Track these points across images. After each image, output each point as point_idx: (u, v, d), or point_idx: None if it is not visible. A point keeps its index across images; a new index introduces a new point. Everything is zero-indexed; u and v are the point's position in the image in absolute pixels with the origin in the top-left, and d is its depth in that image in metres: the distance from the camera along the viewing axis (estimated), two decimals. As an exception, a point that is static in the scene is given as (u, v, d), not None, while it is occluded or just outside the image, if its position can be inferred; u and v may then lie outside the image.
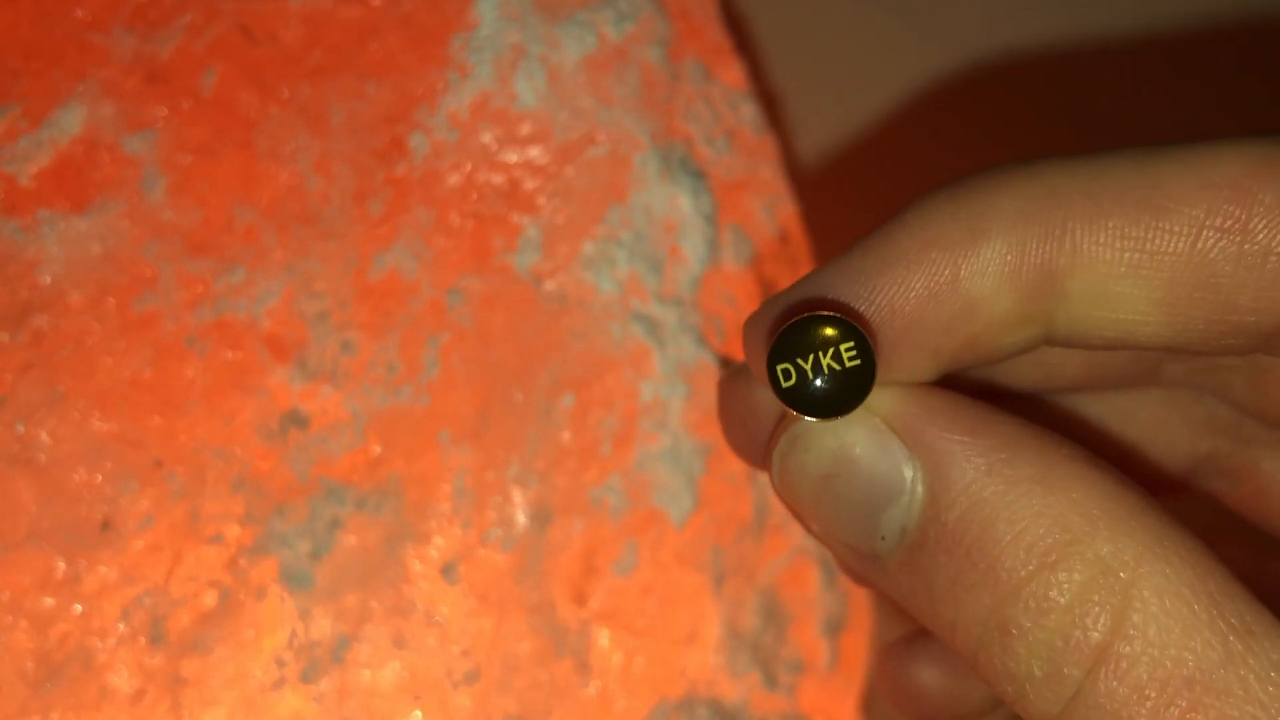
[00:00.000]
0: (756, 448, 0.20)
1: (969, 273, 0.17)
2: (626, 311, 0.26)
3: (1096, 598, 0.15)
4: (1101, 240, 0.16)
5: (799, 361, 0.17)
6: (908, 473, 0.16)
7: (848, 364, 0.16)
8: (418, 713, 0.24)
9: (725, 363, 0.27)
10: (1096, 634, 0.15)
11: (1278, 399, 0.20)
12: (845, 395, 0.17)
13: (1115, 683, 0.14)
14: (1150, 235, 0.16)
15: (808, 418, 0.17)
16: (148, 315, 0.24)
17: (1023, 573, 0.15)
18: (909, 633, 0.22)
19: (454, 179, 0.26)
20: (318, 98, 0.25)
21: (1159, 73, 0.39)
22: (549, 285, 0.26)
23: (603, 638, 0.26)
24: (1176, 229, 0.16)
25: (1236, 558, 0.16)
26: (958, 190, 0.17)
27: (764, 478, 0.28)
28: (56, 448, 0.23)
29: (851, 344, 0.16)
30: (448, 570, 0.24)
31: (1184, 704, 0.14)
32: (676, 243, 0.27)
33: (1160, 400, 0.22)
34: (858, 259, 0.17)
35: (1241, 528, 0.22)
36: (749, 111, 0.30)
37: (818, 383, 0.17)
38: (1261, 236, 0.16)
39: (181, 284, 0.24)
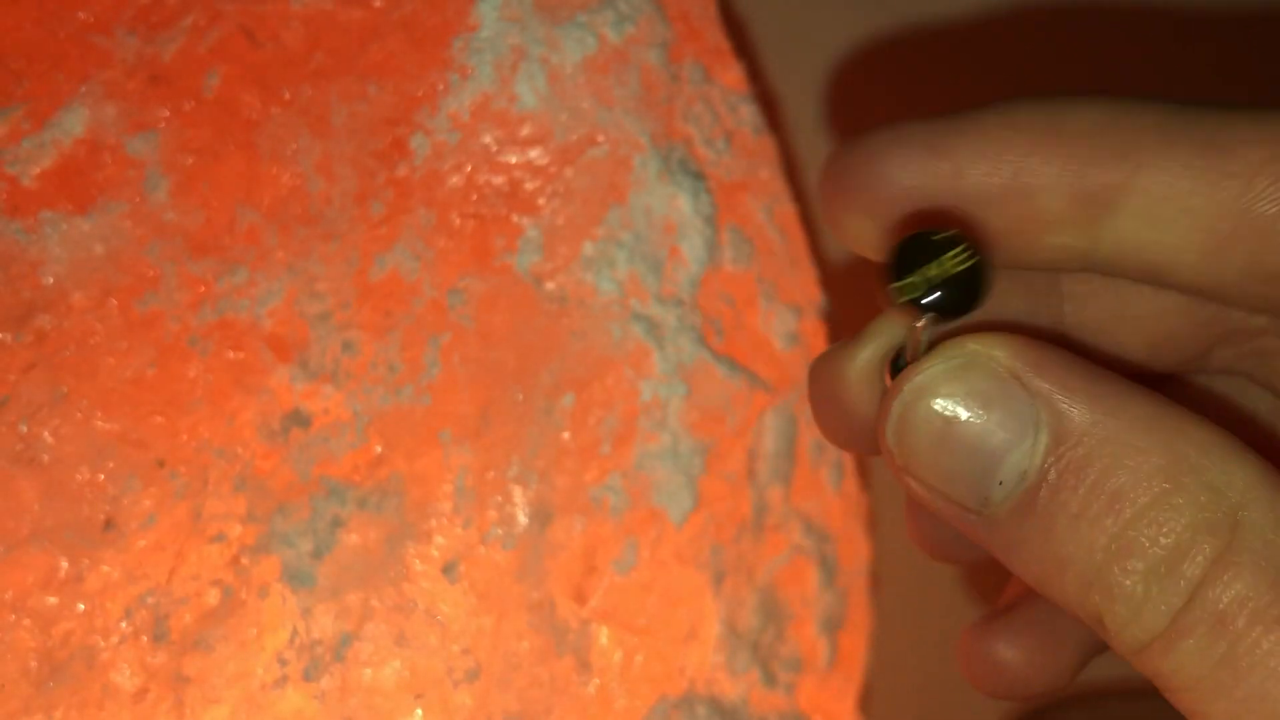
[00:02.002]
0: (848, 427, 0.21)
1: (1036, 159, 0.18)
2: (626, 311, 0.26)
3: (1211, 518, 0.16)
4: (1165, 165, 0.18)
5: (916, 276, 0.18)
6: (1030, 418, 0.17)
7: (965, 264, 0.17)
8: (419, 711, 0.24)
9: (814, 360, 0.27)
10: (1209, 548, 0.16)
11: None
12: (967, 293, 0.18)
13: (1222, 589, 0.16)
14: (1210, 168, 0.17)
15: (940, 316, 0.18)
16: (150, 315, 0.24)
17: (1145, 499, 0.16)
18: (988, 613, 0.23)
19: (455, 180, 0.26)
20: (319, 99, 0.25)
21: (1165, 47, 0.39)
22: (549, 285, 0.26)
23: (603, 636, 0.26)
24: (1234, 168, 0.17)
25: None
26: (1045, 97, 0.19)
27: (764, 478, 0.28)
28: (59, 447, 0.23)
29: (963, 246, 0.17)
30: (449, 569, 0.25)
31: None
32: (676, 243, 0.27)
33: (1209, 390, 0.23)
34: (939, 121, 0.19)
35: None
36: (748, 113, 0.30)
37: (938, 290, 0.18)
38: None
39: (184, 284, 0.24)
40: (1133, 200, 0.18)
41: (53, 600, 0.23)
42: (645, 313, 0.27)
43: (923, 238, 0.18)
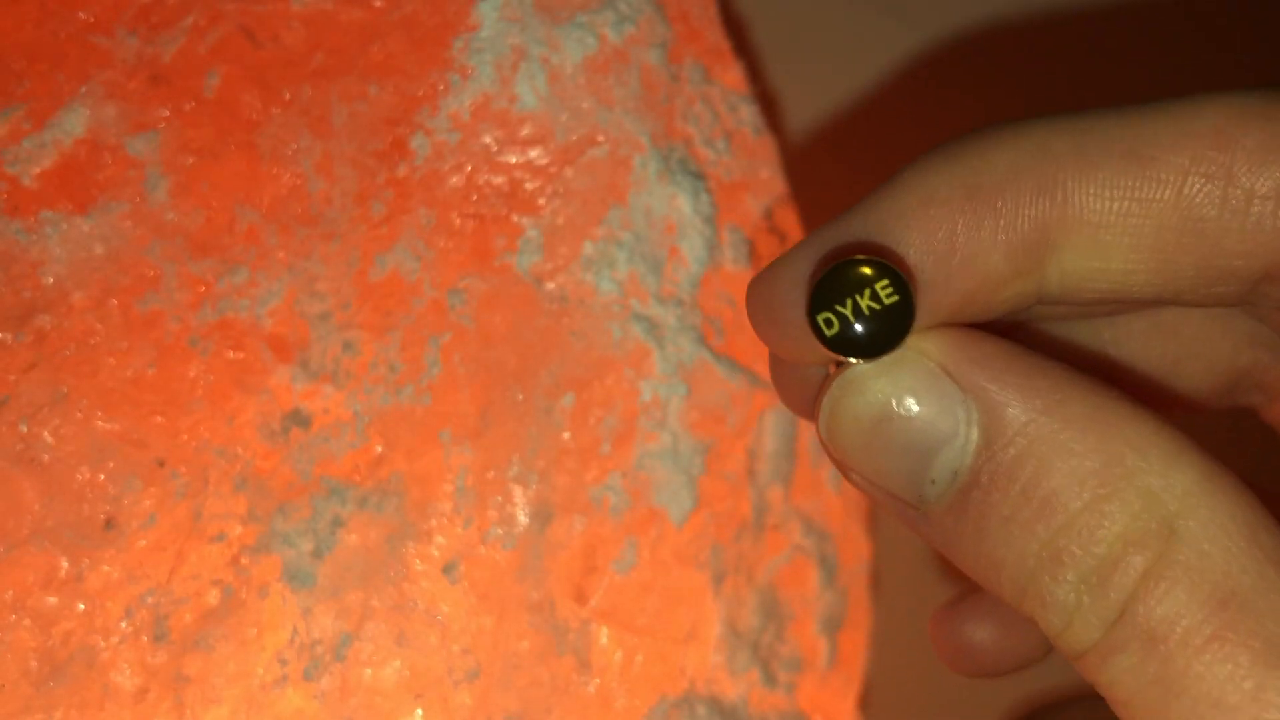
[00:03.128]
0: (807, 400, 0.21)
1: (965, 228, 0.17)
2: (626, 311, 0.26)
3: (1145, 527, 0.15)
4: (1091, 191, 0.17)
5: (838, 308, 0.17)
6: (962, 415, 0.17)
7: (886, 301, 0.17)
8: (419, 710, 0.24)
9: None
10: (1142, 559, 0.15)
11: None
12: (888, 332, 0.17)
13: (1155, 604, 0.15)
14: (1137, 184, 0.17)
15: (855, 360, 0.17)
16: (150, 315, 0.24)
17: (1076, 505, 0.16)
18: (957, 594, 0.23)
19: (455, 180, 0.26)
20: (320, 99, 0.25)
21: (1144, 49, 0.39)
22: (549, 286, 0.26)
23: (603, 636, 0.26)
24: (1163, 177, 0.17)
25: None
26: (953, 149, 0.18)
27: (764, 478, 0.28)
28: (60, 447, 0.23)
29: (887, 281, 0.17)
30: (449, 569, 0.25)
31: (1217, 623, 0.15)
32: (676, 243, 0.27)
33: (1203, 315, 0.22)
34: (858, 217, 0.18)
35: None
36: (748, 113, 0.30)
37: (859, 326, 0.17)
38: (1244, 180, 0.16)
39: (184, 284, 0.24)
40: (1069, 235, 0.17)
41: (53, 600, 0.23)
42: (645, 313, 0.27)
43: (846, 270, 0.17)
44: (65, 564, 0.23)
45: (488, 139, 0.26)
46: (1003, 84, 0.39)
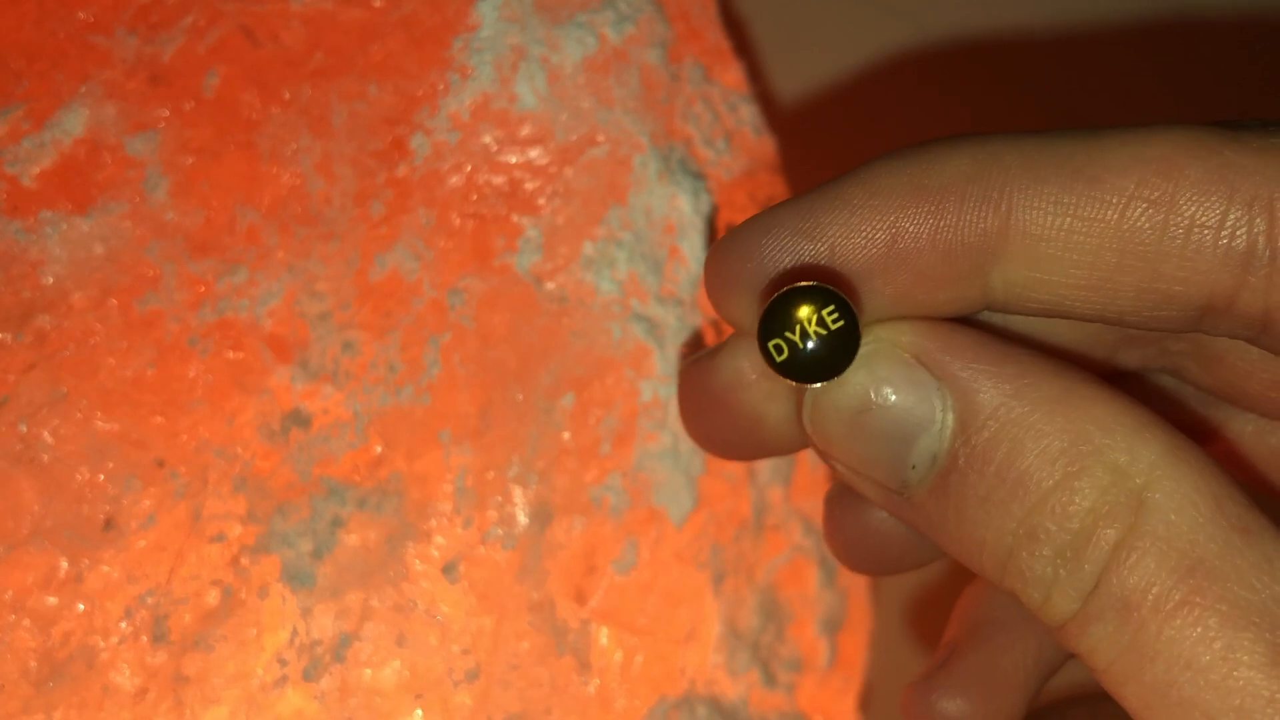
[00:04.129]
0: (724, 433, 0.21)
1: (907, 224, 0.18)
2: (626, 311, 0.26)
3: (1114, 500, 0.16)
4: (1036, 205, 0.17)
5: (787, 334, 0.18)
6: (937, 402, 0.17)
7: (832, 326, 0.17)
8: (419, 711, 0.24)
9: (683, 357, 0.27)
10: (1113, 532, 0.16)
11: (1231, 380, 0.21)
12: (836, 355, 0.18)
13: (1127, 574, 0.16)
14: (1082, 203, 0.17)
15: (809, 385, 0.18)
16: (150, 315, 0.24)
17: (1049, 483, 0.16)
18: (929, 666, 0.23)
19: (455, 180, 0.26)
20: (319, 99, 0.25)
21: (1134, 63, 0.39)
22: (549, 286, 0.26)
23: (603, 636, 0.26)
24: (1107, 198, 0.17)
25: None
26: (907, 152, 0.18)
27: (764, 478, 0.28)
28: (59, 447, 0.23)
29: (832, 306, 0.17)
30: (449, 569, 0.25)
31: (1186, 589, 0.15)
32: (676, 243, 0.27)
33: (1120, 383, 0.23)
34: (805, 200, 0.18)
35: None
36: (748, 113, 0.30)
37: (807, 352, 0.18)
38: (1186, 209, 0.17)
39: (184, 284, 0.24)
40: (1012, 245, 0.17)
41: (52, 600, 0.23)
42: (645, 313, 0.27)
43: (792, 297, 0.18)
44: (65, 564, 0.23)
45: (488, 139, 0.26)
46: (1002, 83, 0.39)
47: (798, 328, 0.17)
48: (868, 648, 0.31)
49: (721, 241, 0.19)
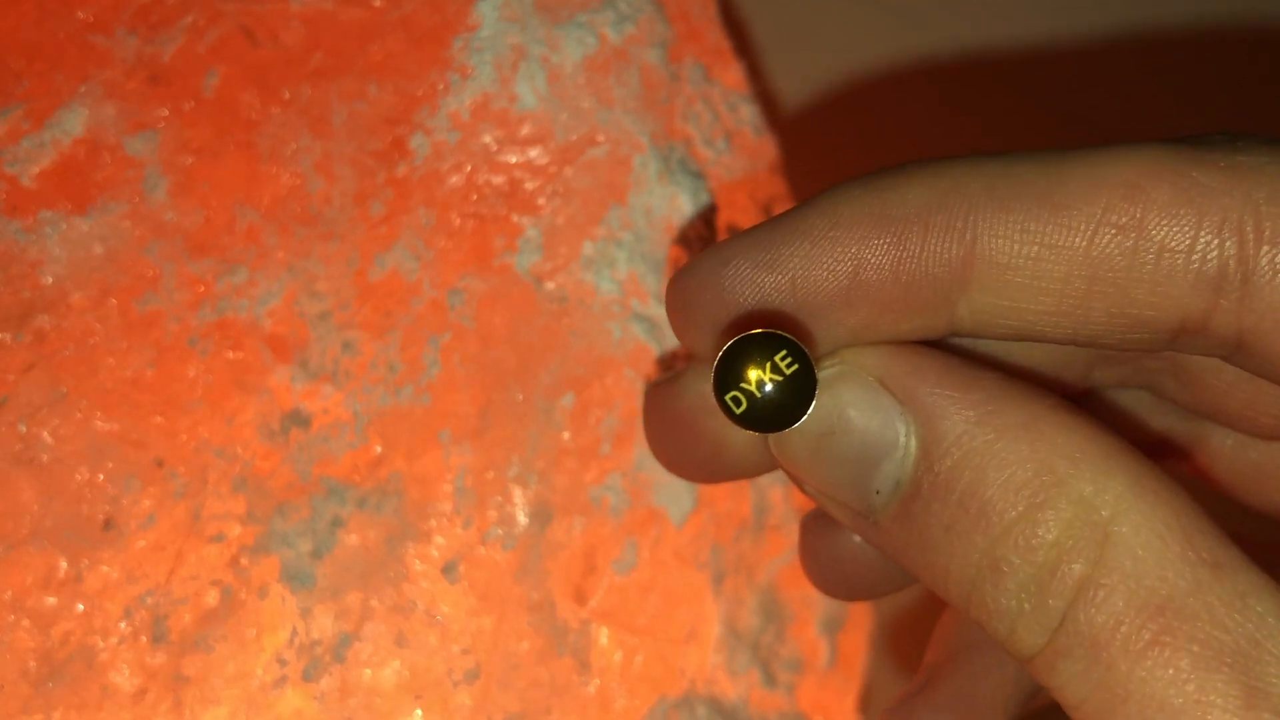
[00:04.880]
0: (689, 457, 0.21)
1: (869, 256, 0.17)
2: (626, 311, 0.26)
3: (1079, 534, 0.16)
4: (1002, 234, 0.17)
5: (743, 385, 0.17)
6: (900, 427, 0.17)
7: (787, 371, 0.17)
8: (419, 711, 0.24)
9: (649, 384, 0.27)
10: (1079, 567, 0.15)
11: (1208, 398, 0.21)
12: (793, 402, 0.17)
13: (1094, 611, 0.15)
14: (1049, 230, 0.17)
15: (769, 434, 0.18)
16: (150, 315, 0.24)
17: (1012, 514, 0.16)
18: (908, 690, 0.23)
19: (455, 180, 0.26)
20: (319, 99, 0.25)
21: (1134, 63, 0.39)
22: (549, 285, 0.26)
23: (603, 636, 0.26)
24: (1075, 225, 0.17)
25: None
26: (869, 179, 0.18)
27: (764, 478, 0.28)
28: (59, 447, 0.23)
29: (785, 351, 0.17)
30: (448, 569, 0.25)
31: (1155, 628, 0.15)
32: (676, 243, 0.27)
33: (1098, 401, 0.23)
34: (765, 231, 0.18)
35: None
36: (748, 113, 0.30)
37: (763, 400, 0.17)
38: (1155, 233, 0.16)
39: (183, 284, 0.24)
40: (978, 274, 0.17)
41: (52, 600, 0.23)
42: (645, 312, 0.27)
43: (743, 347, 0.17)
44: (64, 564, 0.23)
45: (487, 139, 0.26)
46: (1002, 84, 0.39)
47: (754, 376, 0.17)
48: (868, 648, 0.31)
49: (680, 272, 0.19)
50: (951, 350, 0.19)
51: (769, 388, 0.17)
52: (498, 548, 0.25)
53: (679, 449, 0.22)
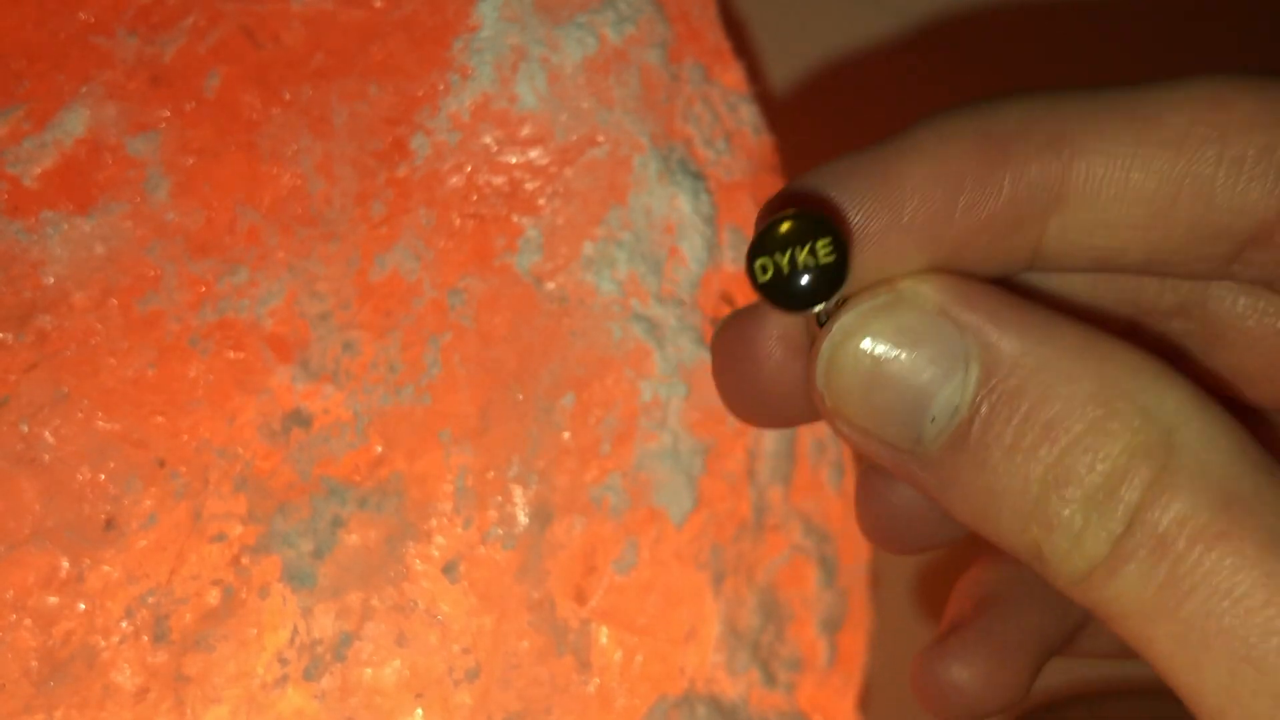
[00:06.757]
0: (755, 394, 0.21)
1: (974, 169, 0.18)
2: (626, 311, 0.26)
3: (1146, 440, 0.16)
4: (1096, 147, 0.18)
5: (776, 256, 0.17)
6: (961, 352, 0.17)
7: (822, 259, 0.17)
8: (419, 710, 0.24)
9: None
10: (1147, 471, 0.16)
11: (1229, 360, 0.21)
12: (816, 289, 0.17)
13: (1162, 511, 0.16)
14: (1140, 141, 0.18)
15: (778, 309, 0.18)
16: (151, 315, 0.24)
17: (1080, 426, 0.16)
18: (936, 636, 0.23)
19: (455, 180, 0.26)
20: (320, 99, 0.25)
21: (1134, 63, 0.39)
22: (549, 286, 0.26)
23: (603, 636, 0.26)
24: (1164, 136, 0.18)
25: None
26: (966, 105, 0.19)
27: (764, 478, 0.28)
28: (60, 447, 0.23)
29: (828, 240, 0.17)
30: (449, 569, 0.25)
31: (1222, 524, 0.15)
32: (676, 243, 0.27)
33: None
34: (876, 148, 0.19)
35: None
36: (748, 113, 0.30)
37: (791, 278, 0.17)
38: (1238, 141, 0.17)
39: (184, 284, 0.24)
40: (1073, 188, 0.18)
41: (53, 600, 0.23)
42: (645, 313, 0.27)
43: (792, 221, 0.17)
44: (66, 564, 0.23)
45: (488, 139, 0.26)
46: (1002, 84, 0.39)
47: (790, 252, 0.17)
48: (868, 648, 0.31)
49: (791, 185, 0.19)
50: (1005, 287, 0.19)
51: (800, 267, 0.17)
52: (498, 547, 0.25)
53: (745, 383, 0.21)
